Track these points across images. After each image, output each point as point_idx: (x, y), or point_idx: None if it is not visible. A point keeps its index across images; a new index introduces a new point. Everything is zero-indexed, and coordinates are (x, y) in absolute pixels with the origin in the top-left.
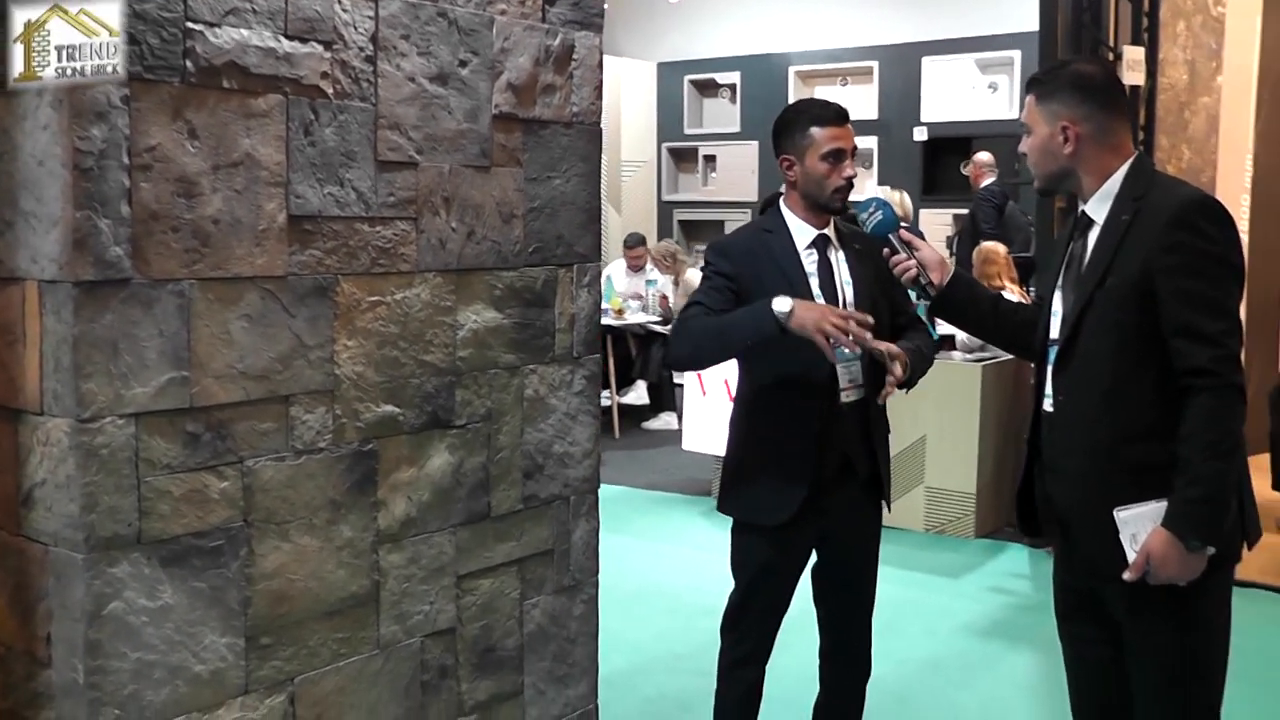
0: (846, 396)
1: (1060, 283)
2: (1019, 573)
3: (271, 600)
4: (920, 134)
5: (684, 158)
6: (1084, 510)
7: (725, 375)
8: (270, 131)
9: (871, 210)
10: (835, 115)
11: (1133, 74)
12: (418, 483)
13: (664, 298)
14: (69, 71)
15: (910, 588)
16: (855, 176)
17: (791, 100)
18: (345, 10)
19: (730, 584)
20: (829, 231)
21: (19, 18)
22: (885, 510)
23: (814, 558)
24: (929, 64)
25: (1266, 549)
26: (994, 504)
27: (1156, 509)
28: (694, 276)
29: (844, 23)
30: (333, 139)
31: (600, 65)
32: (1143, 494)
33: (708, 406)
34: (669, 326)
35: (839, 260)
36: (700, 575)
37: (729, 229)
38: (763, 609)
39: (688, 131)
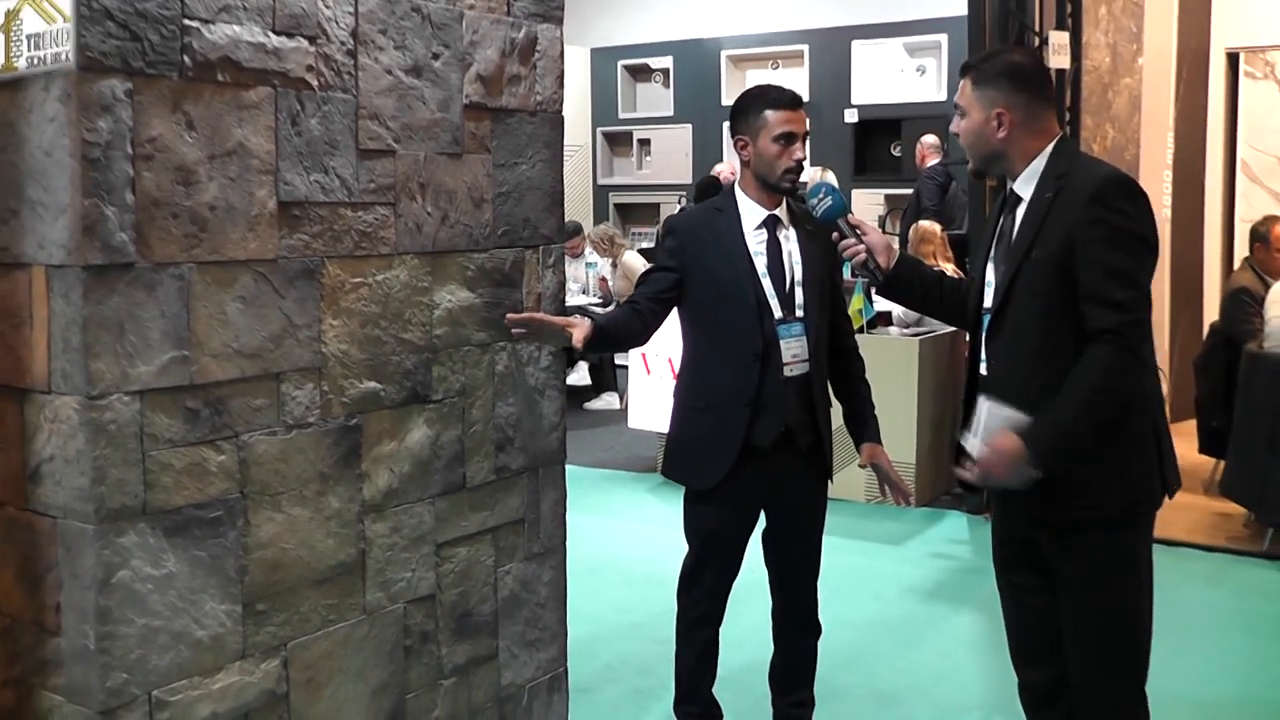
0: (790, 370)
1: (992, 255)
2: (958, 538)
3: (266, 568)
4: (850, 116)
5: (618, 142)
6: None
7: (669, 354)
8: (260, 122)
9: (821, 196)
10: (789, 100)
11: (1058, 58)
12: (399, 455)
13: (603, 280)
14: (35, 61)
15: (855, 555)
16: (805, 159)
17: (724, 84)
18: (328, 6)
19: (682, 553)
20: (779, 212)
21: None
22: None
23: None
24: (858, 47)
25: (1190, 509)
26: (933, 473)
27: (1020, 417)
28: (632, 259)
29: (775, 7)
30: (318, 129)
31: (561, 56)
32: None
33: (652, 385)
34: (608, 308)
35: (789, 240)
36: (651, 548)
37: (664, 212)
38: (714, 570)
39: (622, 116)
